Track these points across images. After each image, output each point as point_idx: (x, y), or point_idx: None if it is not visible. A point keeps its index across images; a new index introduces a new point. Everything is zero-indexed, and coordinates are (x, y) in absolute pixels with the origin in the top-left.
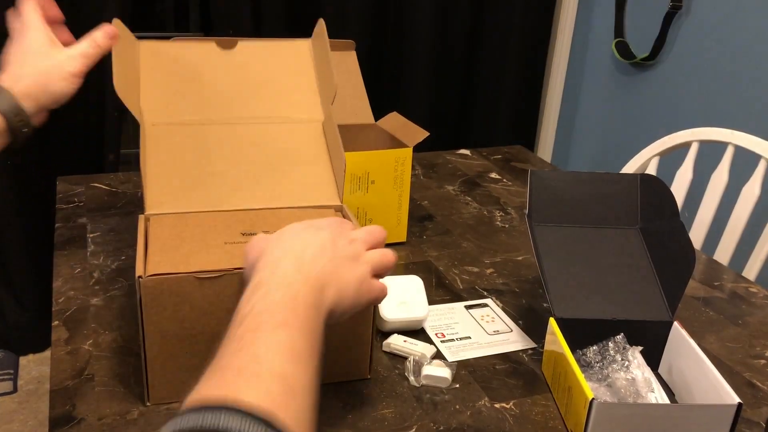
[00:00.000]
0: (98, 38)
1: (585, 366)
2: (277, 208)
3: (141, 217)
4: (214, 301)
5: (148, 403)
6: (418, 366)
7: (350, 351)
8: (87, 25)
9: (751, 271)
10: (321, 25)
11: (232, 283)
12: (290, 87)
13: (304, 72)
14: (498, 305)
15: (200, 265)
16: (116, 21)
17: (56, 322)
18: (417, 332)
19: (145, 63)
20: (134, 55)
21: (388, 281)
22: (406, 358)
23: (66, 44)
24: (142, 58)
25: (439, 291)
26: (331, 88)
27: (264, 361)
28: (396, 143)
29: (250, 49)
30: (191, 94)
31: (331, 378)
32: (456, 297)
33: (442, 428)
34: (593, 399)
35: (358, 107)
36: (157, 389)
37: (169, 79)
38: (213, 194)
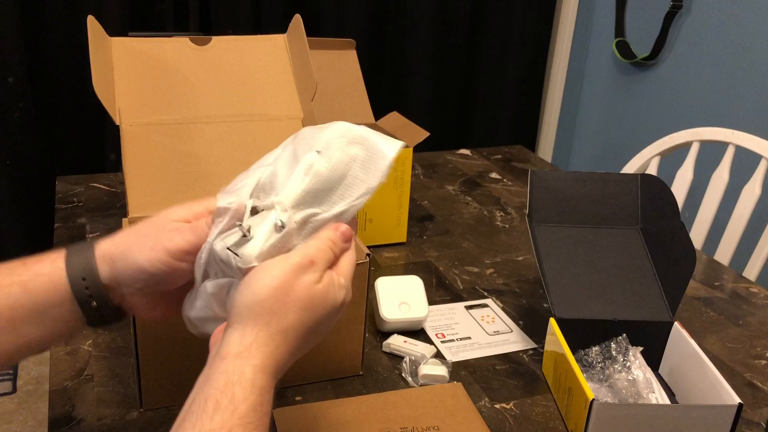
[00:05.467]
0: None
1: (586, 366)
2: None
3: (125, 221)
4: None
5: (141, 409)
6: (415, 366)
7: (343, 347)
8: (85, 25)
9: (751, 271)
10: (297, 21)
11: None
12: (267, 83)
13: (280, 68)
14: (498, 305)
15: None
16: (90, 18)
17: None
18: (417, 332)
19: (118, 61)
20: (108, 53)
21: (389, 281)
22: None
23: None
24: (114, 56)
25: (440, 291)
26: (310, 85)
27: None
28: None
29: (225, 46)
30: (167, 93)
31: (323, 374)
32: (456, 297)
33: None
34: (593, 399)
35: (358, 107)
36: (151, 394)
37: (143, 77)
38: (195, 194)
